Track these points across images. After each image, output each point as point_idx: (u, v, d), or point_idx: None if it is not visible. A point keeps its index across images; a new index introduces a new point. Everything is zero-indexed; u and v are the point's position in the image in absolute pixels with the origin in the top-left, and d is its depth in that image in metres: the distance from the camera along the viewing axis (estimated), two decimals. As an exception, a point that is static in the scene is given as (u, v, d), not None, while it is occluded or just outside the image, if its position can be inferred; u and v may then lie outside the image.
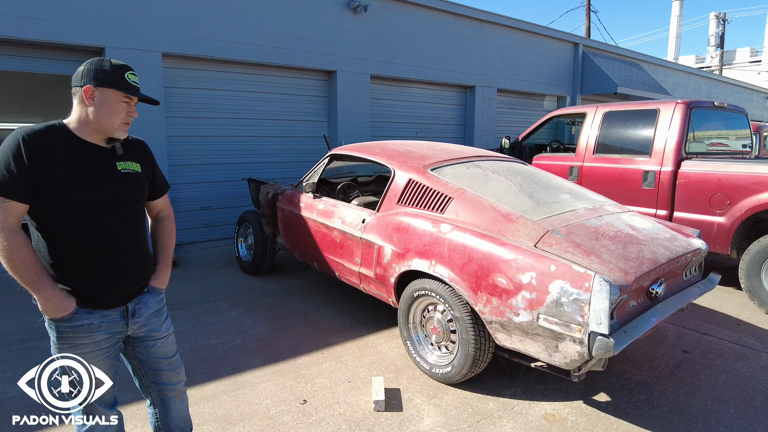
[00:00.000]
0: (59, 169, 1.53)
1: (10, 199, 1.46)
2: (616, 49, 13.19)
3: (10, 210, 1.47)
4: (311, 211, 4.03)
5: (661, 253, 2.76)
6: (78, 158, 1.58)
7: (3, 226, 1.46)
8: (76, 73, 1.62)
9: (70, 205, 1.55)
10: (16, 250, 1.47)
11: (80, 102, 1.60)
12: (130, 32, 5.67)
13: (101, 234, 1.61)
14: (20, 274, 1.49)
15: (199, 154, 6.54)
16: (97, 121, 1.60)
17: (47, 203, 1.52)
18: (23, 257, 1.48)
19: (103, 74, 1.59)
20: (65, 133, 1.58)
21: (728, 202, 4.36)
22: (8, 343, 3.42)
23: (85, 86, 1.58)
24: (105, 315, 1.65)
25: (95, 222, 1.60)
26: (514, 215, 2.80)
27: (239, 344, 3.48)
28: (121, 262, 1.66)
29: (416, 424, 2.54)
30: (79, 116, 1.61)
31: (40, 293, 1.52)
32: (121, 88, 1.61)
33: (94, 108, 1.59)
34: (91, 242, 1.59)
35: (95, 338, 1.64)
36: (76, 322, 1.59)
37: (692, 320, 3.94)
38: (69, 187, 1.54)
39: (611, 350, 2.18)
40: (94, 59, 1.63)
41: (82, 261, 1.59)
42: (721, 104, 5.30)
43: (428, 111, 9.29)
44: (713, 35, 32.25)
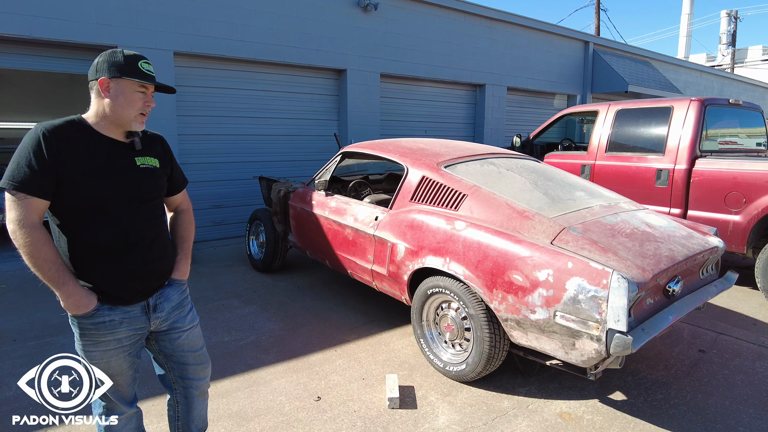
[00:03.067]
0: (80, 165, 1.52)
1: (31, 196, 1.46)
2: (626, 48, 13.09)
3: (31, 206, 1.47)
4: (323, 209, 4.03)
5: (678, 251, 2.73)
6: (97, 153, 1.57)
7: (25, 223, 1.46)
8: (91, 67, 1.62)
9: (91, 201, 1.54)
10: (38, 246, 1.46)
11: (97, 95, 1.59)
12: (142, 31, 5.71)
13: (121, 230, 1.60)
14: (42, 271, 1.48)
15: (210, 153, 6.57)
16: (114, 113, 1.59)
17: (67, 199, 1.51)
18: (45, 254, 1.48)
19: (117, 65, 1.58)
20: (84, 128, 1.58)
21: (744, 201, 4.31)
22: (24, 339, 3.45)
23: (100, 78, 1.57)
24: (126, 311, 1.64)
25: (115, 218, 1.59)
26: (529, 212, 2.79)
27: (252, 341, 3.48)
28: (142, 257, 1.65)
29: (431, 422, 2.53)
30: (96, 110, 1.60)
31: (61, 290, 1.51)
32: (136, 77, 1.59)
33: (111, 100, 1.58)
34: (112, 238, 1.59)
35: (117, 335, 1.63)
36: (97, 318, 1.59)
37: (708, 320, 3.90)
38: (89, 183, 1.53)
39: (629, 348, 2.16)
40: (107, 52, 1.61)
41: (102, 257, 1.58)
42: (736, 101, 5.24)
43: (438, 109, 9.27)
44: (725, 33, 31.88)
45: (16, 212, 1.45)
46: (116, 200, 1.59)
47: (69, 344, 3.29)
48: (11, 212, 1.46)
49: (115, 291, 1.61)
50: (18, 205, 1.45)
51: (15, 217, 1.45)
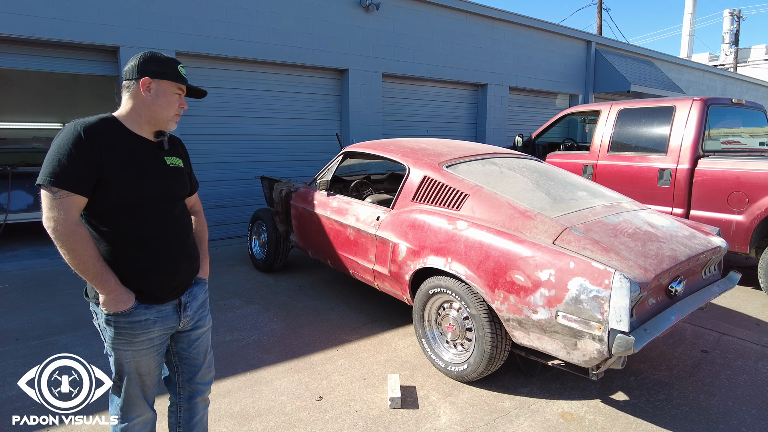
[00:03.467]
0: (118, 163, 1.53)
1: (74, 193, 1.45)
2: (628, 47, 13.06)
3: (74, 203, 1.46)
4: (325, 209, 4.03)
5: (681, 251, 2.72)
6: (133, 152, 1.58)
7: (69, 220, 1.45)
8: (128, 67, 1.63)
9: (129, 199, 1.55)
10: (83, 243, 1.47)
11: (134, 95, 1.61)
12: (144, 31, 5.72)
13: (158, 228, 1.62)
14: (86, 267, 1.48)
15: (212, 153, 6.57)
16: (152, 113, 1.62)
17: (106, 197, 1.52)
18: (89, 251, 1.48)
19: (159, 66, 1.61)
20: (119, 127, 1.59)
21: (747, 200, 4.30)
22: (27, 339, 3.46)
23: (142, 78, 1.59)
24: (160, 310, 1.65)
25: (152, 216, 1.61)
26: (531, 212, 2.78)
27: (254, 341, 3.49)
28: (177, 255, 1.68)
29: (433, 422, 2.53)
30: (132, 109, 1.62)
31: (105, 286, 1.51)
32: (176, 79, 1.64)
33: (151, 100, 1.60)
34: (149, 236, 1.60)
35: (149, 335, 1.64)
36: (134, 317, 1.59)
37: (710, 320, 3.89)
38: (128, 181, 1.54)
39: (632, 348, 2.15)
40: (145, 53, 1.64)
41: (140, 255, 1.59)
42: (739, 101, 5.22)
43: (440, 109, 9.26)
44: (727, 32, 31.76)
45: (59, 210, 1.44)
46: (153, 198, 1.61)
47: (71, 344, 3.31)
48: (53, 210, 1.44)
49: (152, 289, 1.62)
50: (61, 203, 1.44)
51: (57, 215, 1.44)
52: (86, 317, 3.85)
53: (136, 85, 1.60)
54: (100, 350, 3.25)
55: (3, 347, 3.33)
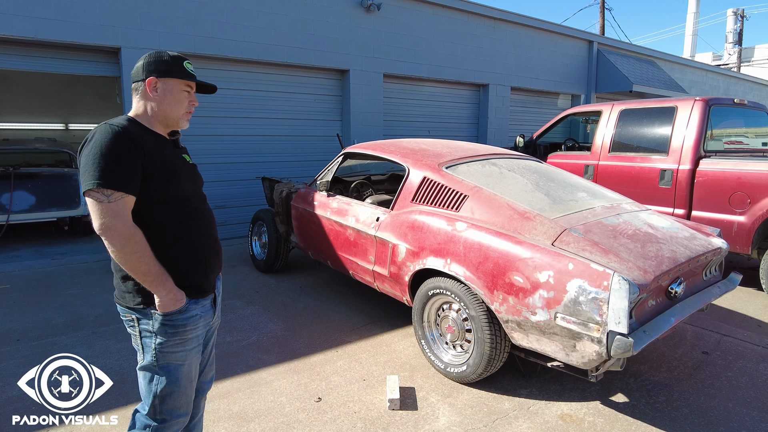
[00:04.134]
0: (156, 161, 1.53)
1: (127, 194, 1.44)
2: (631, 47, 13.03)
3: (128, 204, 1.45)
4: (325, 210, 4.03)
5: (681, 252, 2.71)
6: (162, 150, 1.59)
7: (129, 222, 1.44)
8: (135, 69, 1.63)
9: (170, 195, 1.57)
10: (143, 244, 1.46)
11: (143, 96, 1.61)
12: (145, 32, 5.73)
13: (197, 222, 1.64)
14: (149, 269, 1.46)
15: (213, 153, 6.59)
16: (162, 113, 1.62)
17: (151, 196, 1.52)
18: (149, 251, 1.47)
19: (164, 65, 1.60)
20: (141, 127, 1.58)
21: (749, 201, 4.28)
22: (28, 339, 3.47)
23: (148, 78, 1.58)
24: (203, 305, 1.66)
25: (191, 211, 1.63)
26: (530, 213, 2.78)
27: (254, 342, 3.49)
28: (213, 247, 1.70)
29: (431, 423, 2.53)
30: (143, 110, 1.61)
31: (164, 286, 1.50)
32: (183, 76, 1.63)
33: (159, 99, 1.60)
34: (191, 231, 1.61)
35: (197, 332, 1.64)
36: (189, 313, 1.59)
37: (711, 321, 3.88)
38: (168, 179, 1.56)
39: (630, 350, 2.15)
40: (151, 53, 1.63)
41: (186, 250, 1.60)
42: (741, 101, 5.20)
43: (441, 110, 9.26)
44: (731, 32, 31.66)
45: (115, 212, 1.42)
46: (190, 194, 1.65)
47: (72, 344, 3.32)
48: (109, 215, 1.41)
49: (200, 282, 1.63)
50: (118, 206, 1.42)
51: (113, 218, 1.41)
52: (87, 318, 3.87)
53: (143, 86, 1.60)
54: (101, 350, 3.28)
55: (4, 347, 3.34)
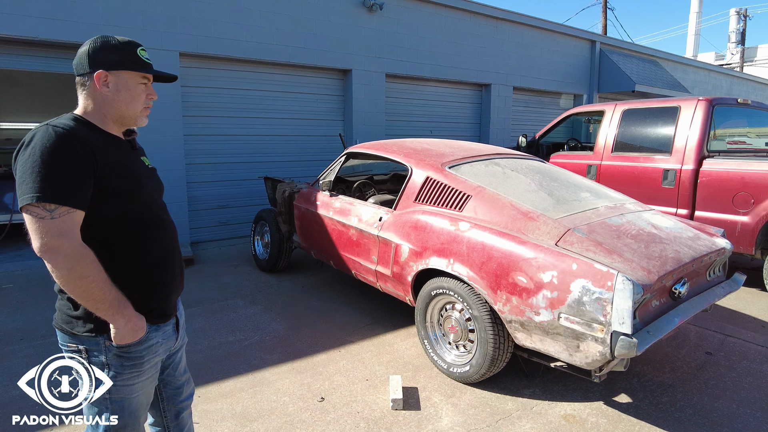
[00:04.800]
0: (111, 168, 1.31)
1: (75, 208, 1.22)
2: (633, 47, 13.00)
3: (75, 221, 1.22)
4: (328, 210, 4.03)
5: (685, 252, 2.70)
6: (117, 154, 1.37)
7: (77, 242, 1.21)
8: (78, 58, 1.36)
9: (129, 208, 1.35)
10: (94, 266, 1.23)
11: (91, 92, 1.37)
12: (148, 32, 5.73)
13: (160, 235, 1.44)
14: (102, 295, 1.25)
15: (215, 153, 6.59)
16: (116, 111, 1.39)
17: (105, 208, 1.30)
18: (102, 274, 1.25)
19: (114, 55, 1.36)
20: (92, 127, 1.35)
21: (752, 201, 4.27)
22: (31, 338, 3.47)
23: (96, 72, 1.34)
24: (165, 330, 1.48)
25: (153, 223, 1.42)
26: (534, 213, 2.77)
27: (256, 341, 3.49)
28: (180, 263, 1.52)
29: (434, 423, 2.52)
30: (93, 108, 1.37)
31: (123, 314, 1.29)
32: (138, 68, 1.39)
33: (112, 96, 1.37)
34: (154, 246, 1.41)
35: (155, 359, 1.45)
36: (148, 342, 1.39)
37: (715, 322, 3.86)
38: (126, 188, 1.34)
39: (634, 350, 2.14)
40: (96, 39, 1.37)
41: (149, 269, 1.40)
42: (744, 101, 5.18)
43: (444, 109, 9.25)
44: (734, 32, 31.54)
45: (59, 230, 1.19)
46: (151, 204, 1.43)
47: (75, 344, 3.32)
48: (52, 234, 1.19)
49: (163, 305, 1.44)
50: (63, 223, 1.20)
51: (58, 237, 1.19)
52: (90, 317, 3.87)
53: (91, 81, 1.35)
54: (104, 350, 3.28)
55: (8, 347, 3.35)
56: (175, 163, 5.98)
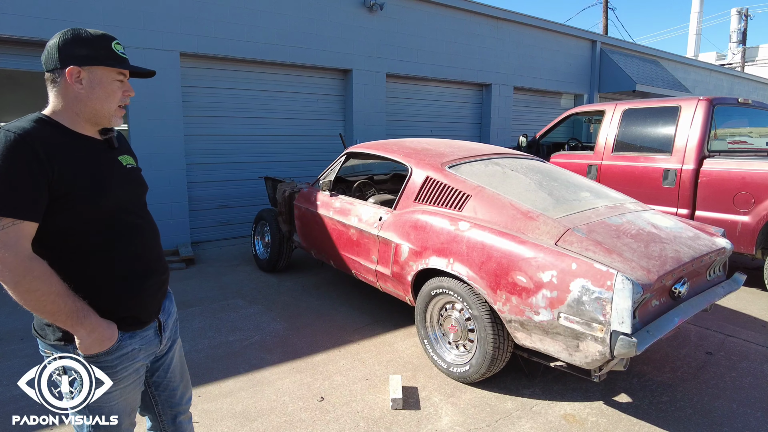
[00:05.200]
0: (74, 173, 1.24)
1: (21, 219, 1.16)
2: (634, 47, 13.00)
3: (24, 233, 1.16)
4: (328, 209, 4.03)
5: (685, 252, 2.70)
6: (85, 157, 1.30)
7: (21, 255, 1.15)
8: (47, 52, 1.29)
9: (95, 214, 1.29)
10: (45, 279, 1.17)
11: (62, 89, 1.29)
12: (148, 32, 5.74)
13: (132, 240, 1.38)
14: (56, 308, 1.20)
15: (216, 153, 6.59)
16: (90, 109, 1.32)
17: (68, 217, 1.24)
18: (55, 286, 1.19)
19: (87, 49, 1.29)
20: (59, 128, 1.28)
21: (753, 201, 4.27)
22: (32, 338, 3.48)
23: (68, 68, 1.27)
24: (143, 336, 1.43)
25: (123, 228, 1.37)
26: (533, 213, 2.77)
27: (257, 341, 3.49)
28: (154, 268, 1.45)
29: (434, 423, 2.53)
30: (64, 106, 1.30)
31: (83, 325, 1.24)
32: (113, 64, 1.32)
33: (86, 93, 1.30)
34: (125, 252, 1.36)
35: (135, 366, 1.41)
36: (121, 351, 1.35)
37: (715, 321, 3.86)
38: (90, 193, 1.27)
39: (634, 350, 2.14)
40: (66, 32, 1.30)
41: (121, 275, 1.35)
42: (745, 101, 5.18)
43: (444, 109, 9.25)
44: (735, 31, 31.54)
45: (3, 243, 1.14)
46: (121, 208, 1.37)
47: (75, 343, 3.32)
48: None
49: (137, 313, 1.39)
50: (4, 234, 1.14)
51: (3, 250, 1.14)
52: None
53: (62, 77, 1.28)
54: (104, 350, 3.28)
55: (8, 346, 3.36)
56: (176, 162, 5.98)
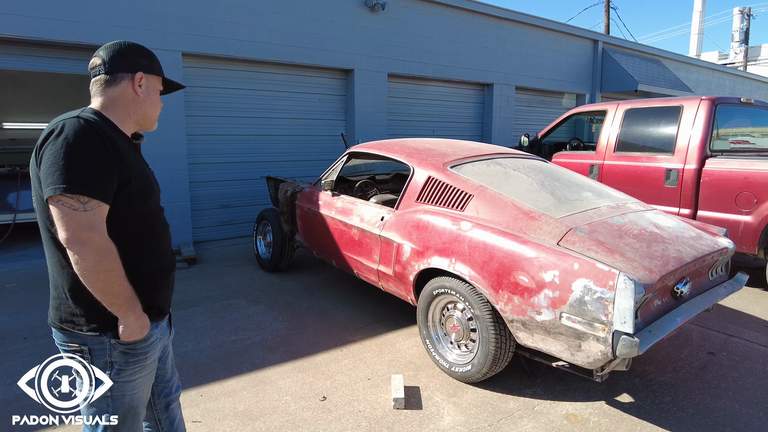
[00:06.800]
0: (131, 167, 1.33)
1: (103, 202, 1.23)
2: (636, 46, 12.98)
3: (104, 214, 1.23)
4: (330, 209, 4.04)
5: (687, 252, 2.70)
6: (132, 153, 1.39)
7: (105, 235, 1.22)
8: (109, 56, 1.38)
9: (142, 206, 1.38)
10: (118, 261, 1.25)
11: (122, 91, 1.39)
12: (151, 32, 5.75)
13: (163, 236, 1.48)
14: (121, 290, 1.26)
15: (218, 153, 6.60)
16: (144, 112, 1.44)
17: (122, 206, 1.31)
18: (122, 270, 1.27)
19: (147, 59, 1.44)
20: (111, 125, 1.36)
21: (755, 201, 4.26)
22: (35, 337, 3.49)
23: (137, 74, 1.40)
24: (161, 326, 1.50)
25: (159, 224, 1.46)
26: (535, 213, 2.77)
27: (259, 341, 3.50)
28: (173, 263, 1.54)
29: (436, 423, 2.53)
30: (117, 107, 1.39)
31: (134, 311, 1.31)
32: (161, 74, 1.48)
33: (143, 98, 1.42)
34: (160, 246, 1.45)
35: (155, 355, 1.47)
36: (150, 339, 1.41)
37: (717, 321, 3.86)
38: (144, 189, 1.37)
39: (636, 350, 2.14)
40: (125, 42, 1.42)
41: (154, 267, 1.42)
42: (747, 100, 5.17)
43: (446, 109, 9.25)
44: (737, 31, 31.46)
45: (91, 222, 1.20)
46: (156, 205, 1.47)
47: (78, 343, 3.33)
48: (82, 225, 1.19)
49: (162, 303, 1.47)
50: (94, 216, 1.21)
51: (90, 230, 1.20)
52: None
53: (129, 81, 1.39)
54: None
55: (12, 346, 3.37)
56: (178, 162, 6.00)
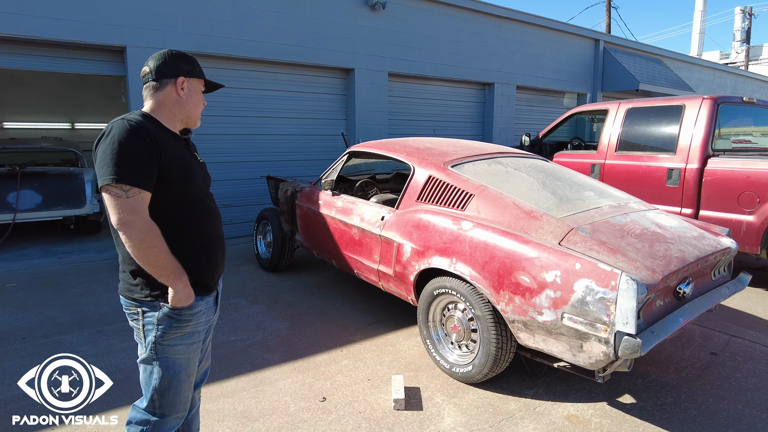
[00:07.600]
0: (172, 159, 1.55)
1: (144, 190, 1.46)
2: (637, 45, 12.94)
3: (145, 200, 1.47)
4: (330, 209, 4.02)
5: (689, 252, 2.68)
6: (177, 149, 1.61)
7: (146, 217, 1.46)
8: (157, 65, 1.62)
9: (184, 194, 1.59)
10: (160, 239, 1.48)
11: (167, 94, 1.63)
12: (151, 31, 5.74)
13: (207, 220, 1.66)
14: (166, 263, 1.49)
15: (218, 152, 6.59)
16: (187, 112, 1.68)
17: (166, 194, 1.54)
18: (165, 245, 1.49)
19: (188, 64, 1.66)
20: (158, 124, 1.60)
21: (758, 200, 4.24)
22: (34, 337, 3.48)
23: (179, 78, 1.62)
24: (207, 301, 1.68)
25: (203, 209, 1.65)
26: (537, 212, 2.75)
27: (258, 341, 3.48)
28: (221, 245, 1.73)
29: (437, 423, 2.51)
30: (165, 108, 1.64)
31: (181, 280, 1.53)
32: (202, 76, 1.70)
33: (185, 99, 1.65)
34: (202, 228, 1.64)
35: (199, 327, 1.65)
36: (195, 309, 1.61)
37: (720, 322, 3.84)
38: (183, 177, 1.58)
39: (638, 350, 2.12)
40: (172, 52, 1.66)
41: (197, 247, 1.62)
42: (750, 99, 5.14)
43: (446, 108, 9.23)
44: (739, 30, 31.37)
45: (132, 207, 1.44)
46: (202, 192, 1.67)
47: (77, 343, 3.33)
48: (125, 210, 1.43)
49: (207, 280, 1.65)
50: (136, 201, 1.45)
51: (131, 213, 1.44)
52: (92, 316, 3.87)
53: (172, 85, 1.62)
54: (105, 349, 3.28)
55: (10, 345, 3.35)
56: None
